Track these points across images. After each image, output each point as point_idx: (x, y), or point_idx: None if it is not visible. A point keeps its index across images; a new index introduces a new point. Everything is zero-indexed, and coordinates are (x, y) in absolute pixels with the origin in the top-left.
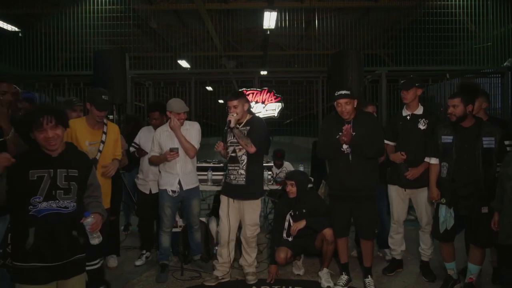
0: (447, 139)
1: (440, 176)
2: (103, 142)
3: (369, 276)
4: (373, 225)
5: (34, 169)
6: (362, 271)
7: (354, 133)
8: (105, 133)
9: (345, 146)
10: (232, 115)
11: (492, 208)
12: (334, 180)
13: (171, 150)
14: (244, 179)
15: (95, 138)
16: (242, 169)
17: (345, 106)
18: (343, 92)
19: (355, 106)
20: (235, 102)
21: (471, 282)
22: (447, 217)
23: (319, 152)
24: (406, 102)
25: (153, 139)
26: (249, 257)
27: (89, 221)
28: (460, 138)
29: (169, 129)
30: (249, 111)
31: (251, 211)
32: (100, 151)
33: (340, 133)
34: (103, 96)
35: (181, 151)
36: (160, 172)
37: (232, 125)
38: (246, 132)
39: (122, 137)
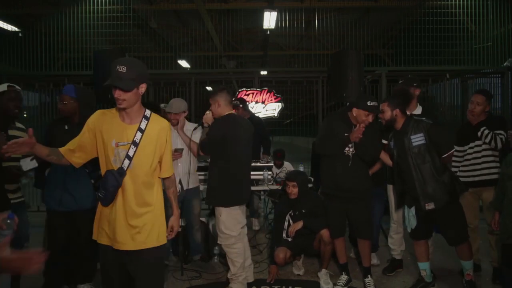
0: (391, 144)
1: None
2: (135, 144)
3: (369, 276)
4: (369, 224)
5: None
6: (361, 271)
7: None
8: (142, 131)
9: (348, 147)
10: (207, 113)
11: (438, 205)
12: (329, 180)
13: (176, 150)
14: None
15: (125, 136)
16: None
17: (373, 117)
18: (376, 103)
19: None
20: (211, 100)
21: (471, 280)
22: (409, 217)
23: (319, 147)
24: None
25: None
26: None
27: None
28: (396, 141)
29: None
30: (248, 108)
31: (215, 217)
32: (129, 158)
33: (346, 134)
34: (117, 67)
35: (183, 151)
36: None
37: (204, 121)
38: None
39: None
